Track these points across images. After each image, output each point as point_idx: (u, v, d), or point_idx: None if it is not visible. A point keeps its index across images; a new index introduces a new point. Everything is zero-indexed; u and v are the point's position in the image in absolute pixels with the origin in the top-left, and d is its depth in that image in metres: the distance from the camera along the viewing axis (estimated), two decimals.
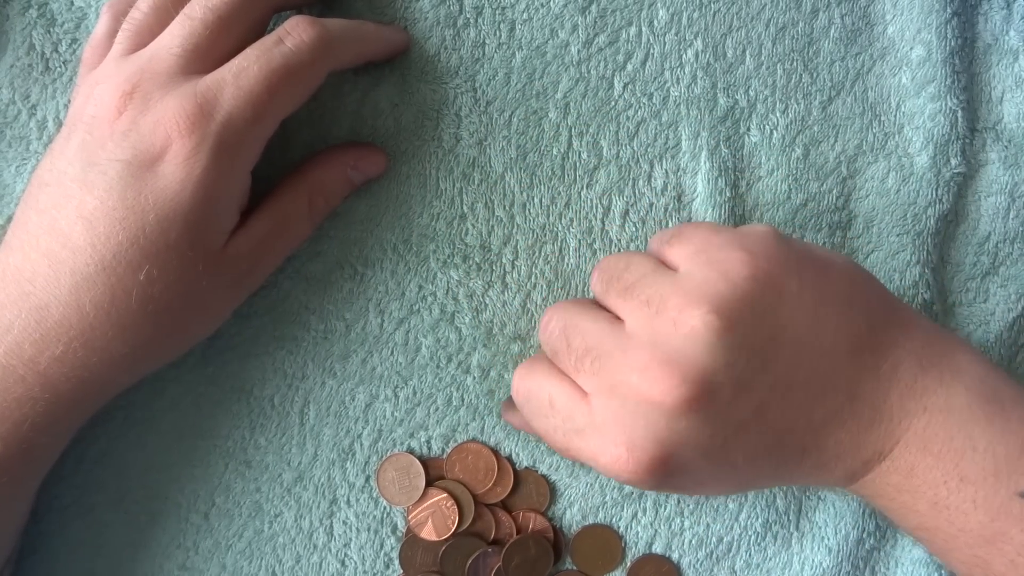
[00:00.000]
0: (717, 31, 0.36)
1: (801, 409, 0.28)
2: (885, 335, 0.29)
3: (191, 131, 0.28)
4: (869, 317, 0.29)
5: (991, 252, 0.36)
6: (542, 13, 0.35)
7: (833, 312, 0.29)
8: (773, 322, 0.28)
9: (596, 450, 0.28)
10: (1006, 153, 0.36)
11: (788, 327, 0.28)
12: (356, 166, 0.34)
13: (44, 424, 0.29)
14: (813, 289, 0.29)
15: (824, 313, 0.29)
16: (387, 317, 0.35)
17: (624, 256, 0.31)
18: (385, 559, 0.35)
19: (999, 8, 0.37)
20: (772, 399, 0.28)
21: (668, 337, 0.28)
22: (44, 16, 0.34)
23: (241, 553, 0.35)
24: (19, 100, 0.34)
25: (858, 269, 0.31)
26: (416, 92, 0.35)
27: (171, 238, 0.28)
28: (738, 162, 0.36)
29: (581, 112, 0.36)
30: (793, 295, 0.28)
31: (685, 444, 0.28)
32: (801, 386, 0.28)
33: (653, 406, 0.27)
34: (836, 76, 0.36)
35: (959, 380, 0.29)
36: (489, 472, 0.35)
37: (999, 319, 0.36)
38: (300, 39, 0.30)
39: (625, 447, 0.28)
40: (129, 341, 0.29)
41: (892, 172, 0.36)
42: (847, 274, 0.30)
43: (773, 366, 0.28)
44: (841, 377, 0.29)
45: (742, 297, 0.28)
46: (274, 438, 0.35)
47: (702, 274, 0.28)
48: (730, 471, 0.29)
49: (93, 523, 0.34)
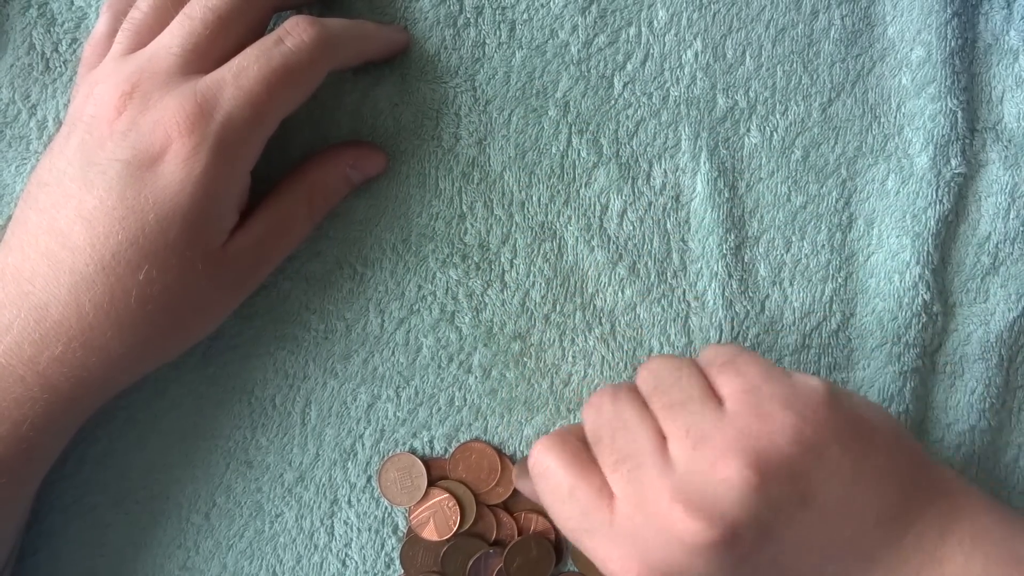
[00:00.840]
0: (717, 32, 0.36)
1: (815, 565, 0.28)
2: (915, 503, 0.29)
3: (191, 131, 0.28)
4: (903, 488, 0.29)
5: (991, 252, 0.37)
6: (542, 13, 0.36)
7: (869, 485, 0.29)
8: (806, 486, 0.28)
9: (607, 556, 0.29)
10: (1006, 153, 0.36)
11: (820, 494, 0.28)
12: (355, 165, 0.34)
13: (43, 424, 0.29)
14: (854, 460, 0.28)
15: (859, 485, 0.28)
16: (387, 317, 0.36)
17: (675, 365, 0.31)
18: (386, 559, 0.35)
19: (999, 8, 0.37)
20: (790, 551, 0.28)
21: (704, 477, 0.28)
22: (44, 16, 0.35)
23: (242, 553, 0.35)
24: (19, 100, 0.35)
25: (900, 435, 0.30)
26: (416, 92, 0.36)
27: (170, 238, 0.28)
28: (737, 163, 0.36)
29: (581, 111, 0.36)
30: (832, 462, 0.28)
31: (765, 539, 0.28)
32: (820, 547, 0.28)
33: (675, 538, 0.27)
34: (836, 78, 0.36)
35: (979, 547, 0.28)
36: (492, 472, 0.35)
37: (999, 319, 0.36)
38: (300, 39, 0.30)
39: (638, 565, 0.28)
40: (128, 341, 0.29)
41: (892, 173, 0.36)
42: (890, 443, 0.30)
43: (799, 525, 0.28)
44: (864, 543, 0.29)
45: (781, 460, 0.27)
46: (275, 438, 0.35)
47: (746, 422, 0.28)
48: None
49: (94, 523, 0.35)
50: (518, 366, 0.36)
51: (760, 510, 0.27)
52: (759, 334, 0.36)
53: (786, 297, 0.36)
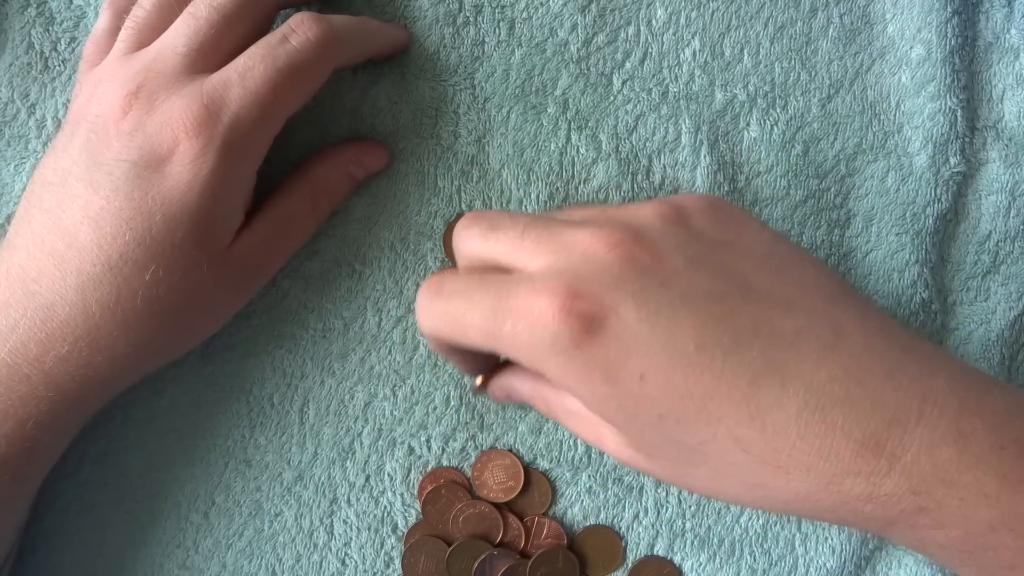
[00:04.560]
0: (715, 30, 0.38)
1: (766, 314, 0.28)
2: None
3: (198, 132, 0.30)
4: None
5: (992, 251, 0.38)
6: (541, 12, 0.37)
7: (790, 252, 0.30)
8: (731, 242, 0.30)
9: (526, 307, 0.27)
10: (1007, 152, 0.38)
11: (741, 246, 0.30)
12: (357, 161, 0.36)
13: (47, 422, 0.31)
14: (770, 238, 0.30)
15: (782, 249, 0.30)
16: (385, 315, 0.37)
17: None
18: (385, 558, 0.37)
19: (1000, 6, 0.38)
20: (730, 291, 0.28)
21: (622, 217, 0.29)
22: (43, 15, 0.36)
23: (241, 552, 0.37)
24: (18, 99, 0.36)
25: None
26: (415, 90, 0.37)
27: (177, 238, 0.30)
28: (737, 157, 0.38)
29: (580, 108, 0.38)
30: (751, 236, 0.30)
31: (628, 298, 0.27)
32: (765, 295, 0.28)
33: (599, 258, 0.28)
34: (835, 75, 0.38)
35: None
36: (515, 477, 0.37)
37: (1000, 318, 0.38)
38: (305, 37, 0.31)
39: (564, 294, 0.27)
40: (134, 341, 0.31)
41: (891, 171, 0.38)
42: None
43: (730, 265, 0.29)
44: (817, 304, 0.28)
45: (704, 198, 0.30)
46: (274, 437, 0.37)
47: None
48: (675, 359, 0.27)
49: (94, 522, 0.36)
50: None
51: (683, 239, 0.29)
52: None
53: None
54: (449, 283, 0.30)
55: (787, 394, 0.26)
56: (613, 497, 0.38)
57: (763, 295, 0.28)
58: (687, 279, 0.28)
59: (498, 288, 0.28)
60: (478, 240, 0.30)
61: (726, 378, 0.26)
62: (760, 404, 0.26)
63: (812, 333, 0.27)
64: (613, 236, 0.28)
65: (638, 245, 0.28)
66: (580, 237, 0.28)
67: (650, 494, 0.38)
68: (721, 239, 0.30)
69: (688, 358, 0.26)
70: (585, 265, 0.28)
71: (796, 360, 0.27)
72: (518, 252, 0.29)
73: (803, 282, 0.29)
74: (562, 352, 0.27)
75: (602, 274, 0.27)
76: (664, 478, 0.30)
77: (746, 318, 0.27)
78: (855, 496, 0.26)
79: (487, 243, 0.30)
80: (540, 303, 0.27)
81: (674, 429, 0.27)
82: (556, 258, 0.28)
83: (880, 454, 0.26)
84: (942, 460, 0.25)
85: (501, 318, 0.28)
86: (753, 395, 0.26)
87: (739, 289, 0.28)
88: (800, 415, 0.26)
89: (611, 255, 0.28)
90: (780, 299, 0.28)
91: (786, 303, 0.28)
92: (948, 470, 0.25)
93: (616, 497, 0.38)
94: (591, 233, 0.28)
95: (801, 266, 0.30)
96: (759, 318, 0.27)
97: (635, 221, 0.29)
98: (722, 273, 0.28)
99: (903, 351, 0.28)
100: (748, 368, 0.26)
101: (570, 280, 0.27)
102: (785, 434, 0.26)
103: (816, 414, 0.26)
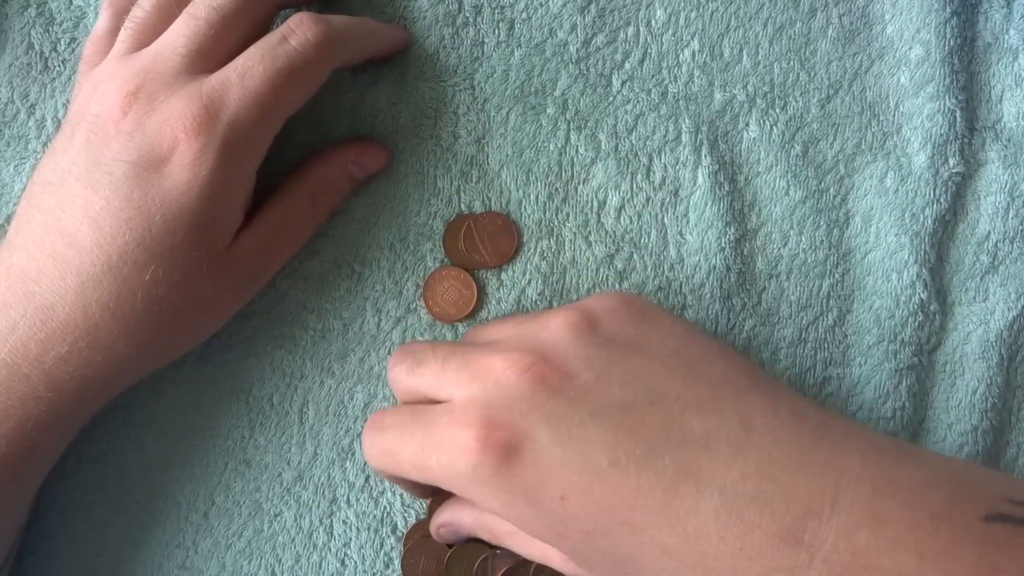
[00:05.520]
0: (714, 31, 0.38)
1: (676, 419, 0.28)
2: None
3: (197, 132, 0.30)
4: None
5: (991, 251, 0.38)
6: (541, 12, 0.38)
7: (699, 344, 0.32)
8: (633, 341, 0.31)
9: (447, 441, 0.29)
10: (1006, 152, 0.38)
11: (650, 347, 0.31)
12: (357, 162, 0.36)
13: (47, 422, 0.31)
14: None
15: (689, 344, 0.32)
16: (384, 316, 0.37)
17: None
18: (385, 558, 0.37)
19: (999, 7, 0.39)
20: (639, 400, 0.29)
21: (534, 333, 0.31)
22: (43, 15, 0.36)
23: (241, 552, 0.37)
24: (18, 99, 0.36)
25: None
26: (414, 90, 0.37)
27: (177, 239, 0.30)
28: (736, 156, 0.38)
29: (579, 108, 0.38)
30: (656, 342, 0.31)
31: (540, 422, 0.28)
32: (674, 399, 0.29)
33: (511, 384, 0.29)
34: (834, 75, 0.38)
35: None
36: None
37: (999, 318, 0.38)
38: (305, 37, 0.32)
39: (479, 425, 0.28)
40: (133, 341, 0.31)
41: (891, 171, 0.38)
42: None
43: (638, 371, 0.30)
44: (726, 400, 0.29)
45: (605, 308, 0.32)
46: (273, 437, 0.37)
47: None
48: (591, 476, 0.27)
49: (93, 522, 0.36)
50: None
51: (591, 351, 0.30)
52: (755, 326, 0.38)
53: (783, 291, 0.38)
54: (388, 417, 0.32)
55: (703, 498, 0.27)
56: None
57: (672, 399, 0.29)
58: (597, 393, 0.29)
59: (424, 421, 0.30)
60: (405, 376, 0.33)
61: (643, 489, 0.27)
62: (679, 511, 0.27)
63: (722, 432, 0.28)
64: (523, 360, 0.29)
65: (547, 366, 0.29)
66: (494, 363, 0.30)
67: None
68: (630, 342, 0.31)
69: (603, 474, 0.27)
70: (499, 393, 0.29)
71: (708, 462, 0.27)
72: (442, 384, 0.31)
73: (711, 379, 0.30)
74: (484, 482, 0.28)
75: (514, 400, 0.29)
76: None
77: (656, 425, 0.28)
78: None
79: (414, 378, 0.32)
80: (458, 436, 0.28)
81: (603, 543, 0.28)
82: (472, 387, 0.30)
83: (799, 547, 0.26)
84: (860, 546, 0.26)
85: (428, 452, 0.29)
86: (670, 502, 0.27)
87: (648, 396, 0.29)
88: (718, 517, 0.26)
89: (522, 380, 0.29)
90: (690, 401, 0.29)
91: (695, 404, 0.29)
92: (867, 555, 0.26)
93: None
94: (504, 359, 0.30)
95: (710, 362, 0.31)
96: (669, 424, 0.28)
97: (544, 337, 0.31)
98: (631, 381, 0.29)
99: (814, 436, 0.28)
100: (662, 476, 0.27)
101: (484, 410, 0.29)
102: (707, 537, 0.26)
103: (732, 514, 0.26)
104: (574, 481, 0.27)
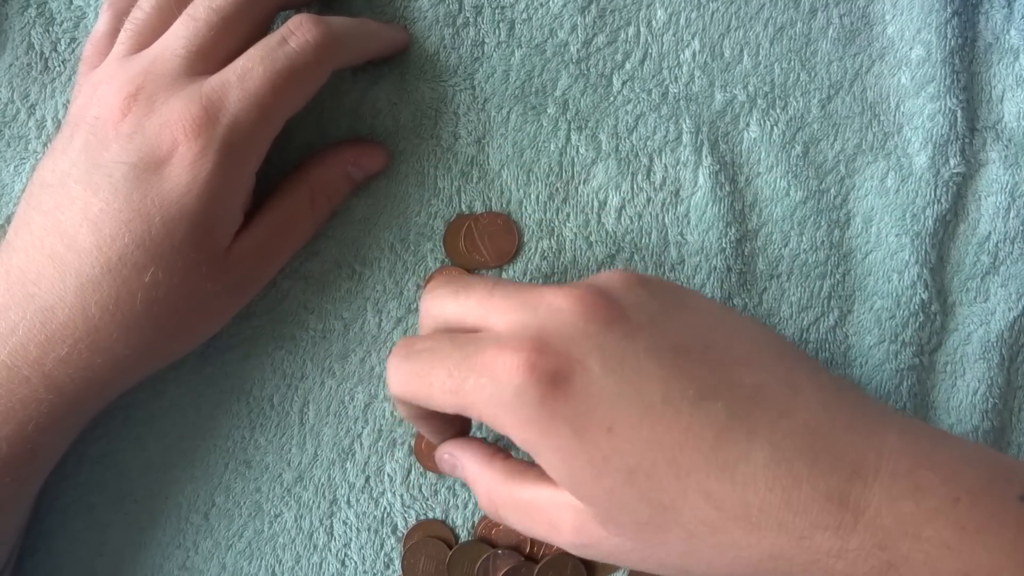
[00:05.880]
0: (715, 31, 0.38)
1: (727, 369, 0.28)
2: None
3: (197, 134, 0.30)
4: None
5: (991, 251, 0.38)
6: (541, 13, 0.38)
7: None
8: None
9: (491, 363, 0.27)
10: (1006, 152, 0.38)
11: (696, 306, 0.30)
12: (356, 163, 0.36)
13: (48, 424, 0.31)
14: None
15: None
16: (385, 316, 0.37)
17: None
18: (385, 559, 0.37)
19: (1000, 7, 0.39)
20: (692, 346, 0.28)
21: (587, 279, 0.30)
22: (43, 15, 0.36)
23: (241, 553, 0.37)
24: (18, 99, 0.36)
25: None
26: (415, 91, 0.37)
27: (176, 240, 0.30)
28: (737, 157, 0.38)
29: (580, 108, 0.38)
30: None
31: (593, 351, 0.27)
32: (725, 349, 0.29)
33: (564, 311, 0.28)
34: (834, 76, 0.38)
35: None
36: None
37: (1000, 319, 0.38)
38: (304, 39, 0.32)
39: (529, 349, 0.27)
40: (133, 343, 0.31)
41: (891, 172, 0.38)
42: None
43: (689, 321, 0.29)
44: (772, 361, 0.29)
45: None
46: (274, 438, 0.37)
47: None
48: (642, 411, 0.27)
49: (93, 523, 0.36)
50: None
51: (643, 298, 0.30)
52: None
53: (783, 291, 0.38)
54: (421, 342, 0.30)
55: (754, 446, 0.26)
56: None
57: (722, 351, 0.29)
58: (650, 333, 0.28)
59: (464, 345, 0.29)
60: (449, 300, 0.31)
61: (694, 430, 0.27)
62: (728, 457, 0.26)
63: (770, 389, 0.28)
64: (577, 291, 0.29)
65: (603, 300, 0.29)
66: (546, 294, 0.29)
67: None
68: (675, 301, 0.30)
69: (655, 409, 0.27)
70: (551, 320, 0.28)
71: (759, 415, 0.27)
72: (488, 311, 0.30)
73: (756, 340, 0.30)
74: (527, 407, 0.27)
75: (568, 328, 0.28)
76: (629, 555, 0.29)
77: (709, 371, 0.28)
78: (825, 552, 0.26)
79: (457, 302, 0.31)
80: (504, 358, 0.27)
81: (644, 485, 0.27)
82: (523, 315, 0.29)
83: (845, 507, 0.26)
84: (903, 514, 0.26)
85: (465, 374, 0.28)
86: (721, 447, 0.27)
87: (700, 343, 0.29)
88: (767, 467, 0.26)
89: (576, 310, 0.28)
90: (739, 355, 0.29)
91: (744, 359, 0.29)
92: (910, 524, 0.26)
93: None
94: (557, 290, 0.29)
95: (751, 326, 0.31)
96: (721, 372, 0.28)
97: (594, 281, 0.30)
98: (683, 329, 0.29)
99: (854, 408, 0.28)
100: (714, 421, 0.27)
101: (536, 335, 0.28)
102: (755, 486, 0.26)
103: (782, 466, 0.26)
104: (624, 414, 0.27)
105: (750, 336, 0.30)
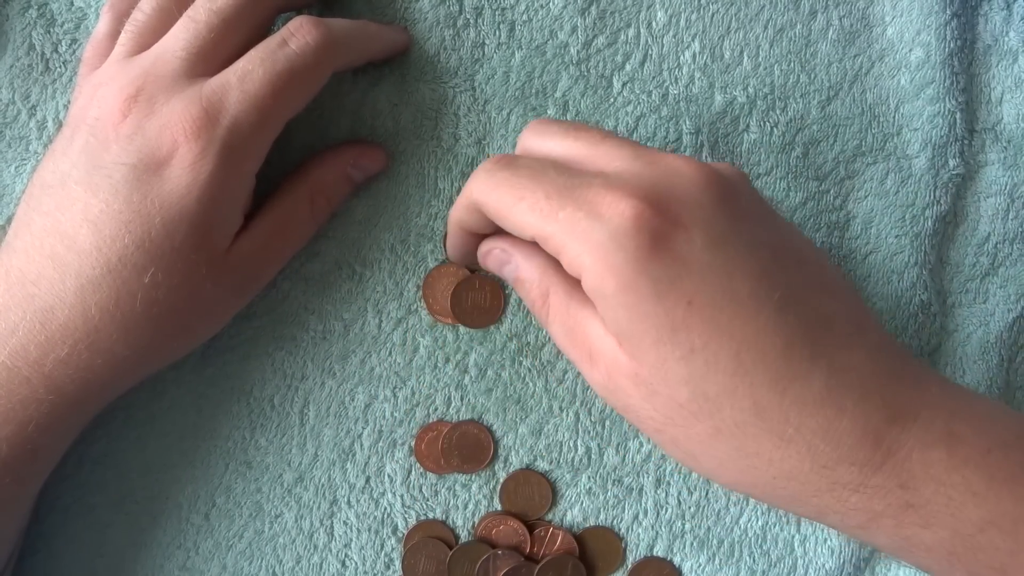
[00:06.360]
0: (715, 33, 0.38)
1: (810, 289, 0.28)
2: None
3: (197, 136, 0.30)
4: None
5: (991, 253, 0.38)
6: (542, 14, 0.38)
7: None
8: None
9: (597, 199, 0.27)
10: (1005, 154, 0.38)
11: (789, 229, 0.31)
12: (356, 164, 0.36)
13: (48, 425, 0.31)
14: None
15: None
16: (385, 317, 0.37)
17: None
18: (386, 559, 0.37)
19: (999, 9, 0.39)
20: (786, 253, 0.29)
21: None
22: (44, 16, 0.36)
23: (241, 554, 0.37)
24: (19, 100, 0.36)
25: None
26: (415, 92, 0.37)
27: (176, 241, 0.30)
28: (736, 159, 0.38)
29: (580, 109, 0.38)
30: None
31: (701, 222, 0.27)
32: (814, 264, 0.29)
33: (683, 174, 0.28)
34: (834, 77, 0.38)
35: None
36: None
37: (999, 319, 0.38)
38: (304, 41, 0.32)
39: (643, 200, 0.27)
40: (133, 343, 0.31)
41: (891, 173, 0.38)
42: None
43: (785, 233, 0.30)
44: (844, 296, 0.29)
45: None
46: (274, 439, 0.37)
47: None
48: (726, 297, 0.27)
49: (94, 523, 0.36)
50: (514, 365, 0.38)
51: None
52: None
53: None
54: (521, 159, 0.30)
55: (814, 368, 0.27)
56: (613, 498, 0.38)
57: (811, 272, 0.29)
58: (752, 227, 0.28)
59: (572, 176, 0.28)
60: (557, 137, 0.31)
61: (766, 334, 0.27)
62: (787, 371, 0.27)
63: (840, 320, 0.28)
64: (699, 163, 0.28)
65: (723, 179, 0.29)
66: (666, 154, 0.29)
67: (649, 495, 0.38)
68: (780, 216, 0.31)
69: (739, 300, 0.27)
70: (668, 179, 0.28)
71: (825, 341, 0.27)
72: (598, 154, 0.29)
73: (838, 276, 0.30)
74: (617, 252, 0.27)
75: (684, 193, 0.28)
76: (647, 421, 0.29)
77: (795, 283, 0.28)
78: (844, 483, 0.27)
79: (566, 141, 0.30)
80: (613, 198, 0.27)
81: (699, 370, 0.27)
82: (638, 165, 0.28)
83: (878, 447, 0.27)
84: (932, 459, 0.26)
85: (564, 202, 0.28)
86: (784, 360, 0.27)
87: (795, 257, 0.29)
88: (819, 392, 0.27)
89: (697, 177, 0.28)
90: (824, 281, 0.29)
91: (827, 287, 0.29)
92: (937, 470, 0.26)
93: (616, 498, 0.38)
94: (678, 155, 0.29)
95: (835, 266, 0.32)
96: (804, 290, 0.28)
97: (714, 165, 0.30)
98: (784, 237, 0.29)
99: (904, 359, 0.29)
100: (787, 332, 0.27)
101: (651, 188, 0.27)
102: (801, 405, 0.27)
103: (833, 395, 0.27)
104: (709, 293, 0.27)
105: (833, 270, 0.31)
